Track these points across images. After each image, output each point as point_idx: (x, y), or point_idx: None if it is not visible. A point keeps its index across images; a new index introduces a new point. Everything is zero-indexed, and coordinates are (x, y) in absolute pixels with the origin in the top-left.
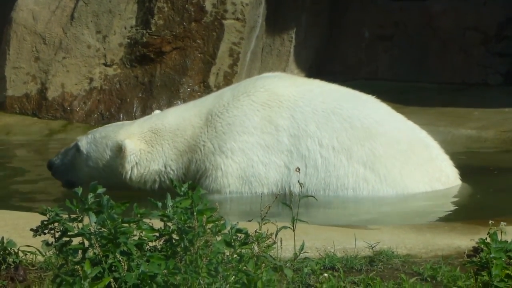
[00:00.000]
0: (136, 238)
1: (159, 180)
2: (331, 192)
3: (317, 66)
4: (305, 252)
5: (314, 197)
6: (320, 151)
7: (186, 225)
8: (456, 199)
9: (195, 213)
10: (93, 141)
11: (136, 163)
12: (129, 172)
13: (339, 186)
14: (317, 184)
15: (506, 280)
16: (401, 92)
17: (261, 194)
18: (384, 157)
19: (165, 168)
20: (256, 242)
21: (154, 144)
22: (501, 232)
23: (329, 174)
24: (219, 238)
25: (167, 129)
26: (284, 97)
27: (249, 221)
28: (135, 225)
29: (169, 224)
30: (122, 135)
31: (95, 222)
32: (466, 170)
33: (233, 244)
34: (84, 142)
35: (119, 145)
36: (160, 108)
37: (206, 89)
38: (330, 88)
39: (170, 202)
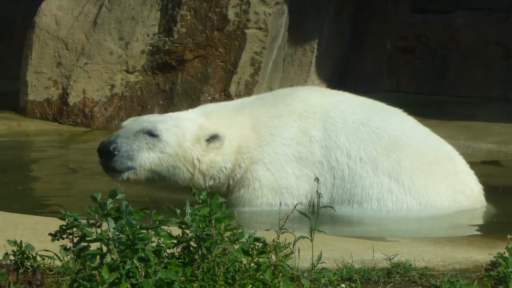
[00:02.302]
0: (154, 244)
1: (213, 177)
2: (355, 204)
3: (338, 77)
4: (323, 262)
5: (332, 207)
6: (348, 163)
7: (204, 232)
8: (476, 217)
9: (213, 221)
10: (177, 126)
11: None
12: (204, 164)
13: (364, 197)
14: (343, 195)
15: None
16: (421, 105)
17: (290, 205)
18: (409, 169)
19: (225, 165)
20: (273, 251)
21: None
22: None
23: (355, 185)
24: (236, 247)
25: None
26: (318, 108)
27: (267, 230)
28: (153, 232)
29: (187, 231)
30: (218, 125)
31: (113, 228)
32: (485, 185)
33: (250, 252)
34: (162, 127)
35: (216, 135)
36: None
37: (227, 98)
38: (359, 100)
39: (188, 210)
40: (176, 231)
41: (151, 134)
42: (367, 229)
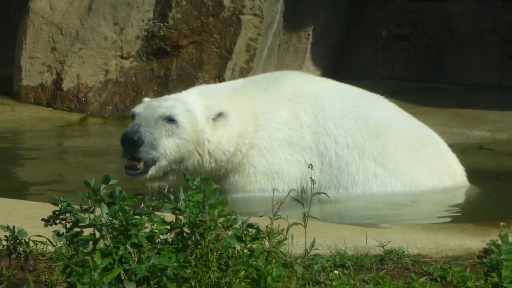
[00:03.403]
0: (147, 230)
1: (216, 160)
2: (341, 189)
3: (333, 64)
4: (316, 249)
5: (326, 194)
6: (335, 149)
7: (197, 219)
8: (465, 199)
9: (207, 207)
10: (188, 110)
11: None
12: (212, 144)
13: (350, 182)
14: (330, 180)
15: None
16: (416, 92)
17: (281, 190)
18: (394, 153)
19: (228, 148)
20: (267, 238)
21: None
22: None
23: (342, 170)
24: (230, 233)
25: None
26: (307, 92)
27: (260, 216)
28: (146, 218)
29: (181, 217)
30: (220, 104)
31: (106, 214)
32: (477, 171)
33: (244, 239)
34: (178, 113)
35: (222, 113)
36: None
37: None
38: (344, 87)
39: (182, 196)
40: (169, 217)
41: (170, 120)
42: (354, 213)
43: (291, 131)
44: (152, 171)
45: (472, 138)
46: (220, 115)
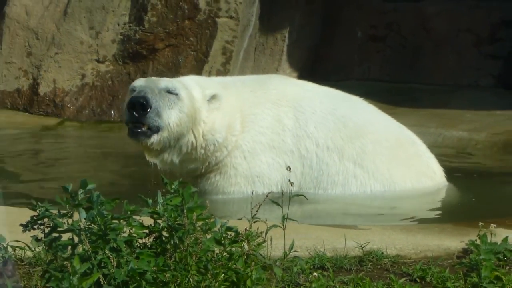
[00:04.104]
0: (126, 234)
1: (206, 147)
2: (321, 190)
3: (310, 66)
4: (295, 251)
5: (304, 195)
6: (316, 151)
7: (176, 222)
8: (443, 200)
9: (185, 211)
10: (186, 87)
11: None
12: (207, 126)
13: (329, 183)
14: (310, 182)
15: (495, 281)
16: (393, 93)
17: (260, 194)
18: (373, 154)
19: (218, 139)
20: (246, 241)
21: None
22: (491, 234)
23: (322, 172)
24: (209, 236)
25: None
26: (290, 96)
27: (239, 219)
28: (125, 222)
29: (159, 221)
30: (212, 88)
31: (85, 218)
32: (455, 171)
33: (223, 242)
34: (179, 87)
35: (216, 95)
36: None
37: None
38: (324, 89)
39: (160, 199)
40: (148, 221)
41: (172, 92)
42: (333, 214)
43: (273, 134)
44: (154, 138)
45: (449, 138)
46: (214, 97)
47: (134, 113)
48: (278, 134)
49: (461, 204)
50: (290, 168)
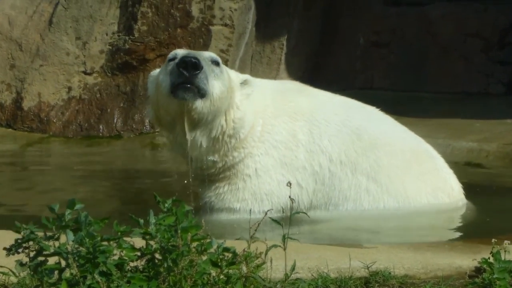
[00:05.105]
0: (116, 257)
1: (234, 135)
2: (331, 206)
3: (309, 75)
4: (297, 272)
5: (306, 213)
6: (329, 166)
7: (169, 243)
8: (460, 217)
9: (179, 231)
10: (223, 69)
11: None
12: (237, 113)
13: (341, 199)
14: (321, 199)
15: None
16: (397, 102)
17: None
18: (387, 167)
19: (240, 134)
20: (244, 262)
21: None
22: (505, 251)
23: (334, 188)
24: (204, 258)
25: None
26: (305, 109)
27: (237, 239)
28: (115, 244)
29: (152, 242)
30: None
31: (72, 241)
32: (465, 185)
33: (219, 264)
34: (221, 64)
35: (248, 80)
36: (143, 118)
37: None
38: (340, 99)
39: (152, 219)
40: (139, 242)
41: (216, 63)
42: (343, 232)
43: (286, 150)
44: (199, 103)
45: (458, 150)
46: (246, 82)
47: (185, 72)
48: (291, 150)
49: (474, 220)
50: (290, 184)
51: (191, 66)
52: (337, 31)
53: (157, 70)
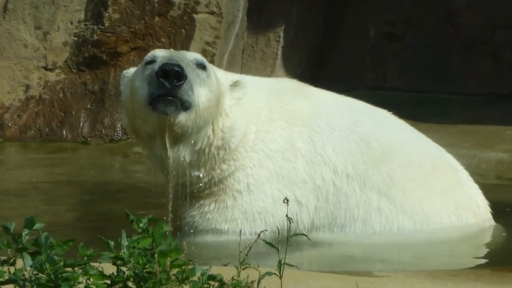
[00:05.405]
0: (82, 286)
1: (223, 146)
2: (336, 227)
3: (310, 72)
4: None
5: (306, 235)
6: (333, 180)
7: (145, 270)
8: (487, 240)
9: (156, 255)
10: (210, 72)
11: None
12: (227, 122)
13: (348, 218)
14: (325, 218)
15: None
16: (414, 105)
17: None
18: (402, 181)
19: (230, 143)
20: None
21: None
22: None
23: (339, 205)
24: (186, 287)
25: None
26: (305, 113)
27: (224, 265)
28: (80, 270)
29: (124, 268)
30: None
31: (30, 266)
32: (495, 204)
33: None
34: (207, 61)
35: (239, 82)
36: (114, 123)
37: None
38: (346, 101)
39: (125, 241)
40: (109, 268)
41: (202, 66)
42: (349, 258)
43: (283, 161)
44: (183, 116)
45: (485, 162)
46: (237, 83)
47: (166, 83)
48: (289, 160)
49: (504, 245)
50: (287, 201)
51: (174, 76)
52: (344, 21)
53: (132, 70)
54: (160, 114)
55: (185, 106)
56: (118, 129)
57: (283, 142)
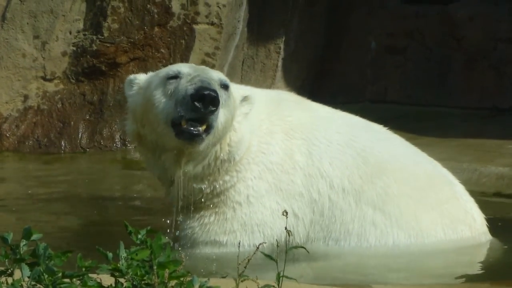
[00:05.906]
0: None
1: (228, 160)
2: (331, 241)
3: (311, 84)
4: None
5: (304, 248)
6: (329, 194)
7: (143, 282)
8: (483, 254)
9: (155, 267)
10: (231, 92)
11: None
12: (234, 137)
13: (342, 233)
14: (320, 232)
15: None
16: (416, 119)
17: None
18: (398, 196)
19: (234, 156)
20: None
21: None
22: None
23: (334, 220)
24: None
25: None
26: (304, 126)
27: (223, 277)
28: (78, 281)
29: (122, 280)
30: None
31: (28, 277)
32: (493, 219)
33: None
34: (230, 86)
35: (248, 97)
36: (112, 133)
37: None
38: (340, 115)
39: (123, 253)
40: (107, 280)
41: (226, 87)
42: (344, 271)
43: (282, 174)
44: (206, 141)
45: (486, 176)
46: (246, 99)
47: (202, 108)
48: (288, 173)
49: (500, 260)
50: (286, 213)
51: (210, 102)
52: (345, 33)
53: (142, 76)
54: (184, 141)
55: (209, 130)
56: (116, 140)
57: (282, 154)
